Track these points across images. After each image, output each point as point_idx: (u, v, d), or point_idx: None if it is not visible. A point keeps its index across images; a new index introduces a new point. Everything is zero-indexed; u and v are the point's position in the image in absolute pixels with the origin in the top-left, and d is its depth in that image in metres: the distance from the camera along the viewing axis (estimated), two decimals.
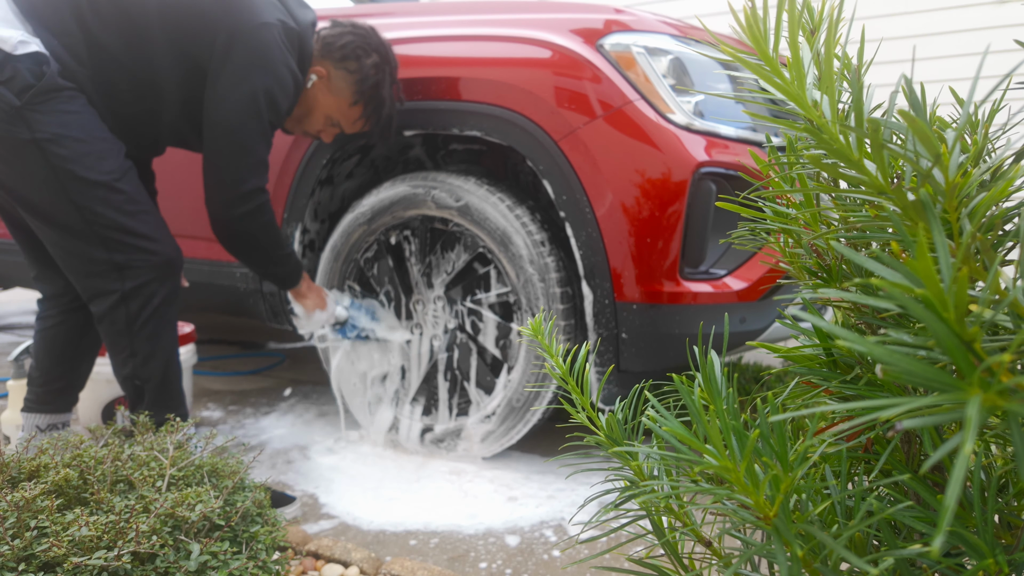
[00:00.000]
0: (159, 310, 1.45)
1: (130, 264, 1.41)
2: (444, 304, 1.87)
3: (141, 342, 1.44)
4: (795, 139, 0.51)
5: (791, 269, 0.57)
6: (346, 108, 1.64)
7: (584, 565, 1.27)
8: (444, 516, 1.51)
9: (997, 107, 0.48)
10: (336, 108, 1.64)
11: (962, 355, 0.28)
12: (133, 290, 1.42)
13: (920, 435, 0.47)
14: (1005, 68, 3.39)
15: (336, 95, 1.63)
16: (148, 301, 1.44)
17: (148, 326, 1.44)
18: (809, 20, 0.50)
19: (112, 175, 1.39)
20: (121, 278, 1.41)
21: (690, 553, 0.56)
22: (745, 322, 1.57)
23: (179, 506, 0.89)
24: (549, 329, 0.65)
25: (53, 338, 1.62)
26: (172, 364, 1.51)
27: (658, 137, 1.50)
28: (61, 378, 1.63)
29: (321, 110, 1.64)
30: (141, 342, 1.44)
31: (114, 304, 1.42)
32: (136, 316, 1.43)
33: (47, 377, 1.62)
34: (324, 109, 1.64)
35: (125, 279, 1.41)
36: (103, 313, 1.43)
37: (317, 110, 1.64)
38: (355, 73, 1.60)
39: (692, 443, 0.42)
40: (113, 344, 1.46)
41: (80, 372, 1.67)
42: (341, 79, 1.61)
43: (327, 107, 1.64)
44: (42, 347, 1.62)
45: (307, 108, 1.65)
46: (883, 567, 0.39)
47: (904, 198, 0.38)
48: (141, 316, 1.43)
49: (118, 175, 1.40)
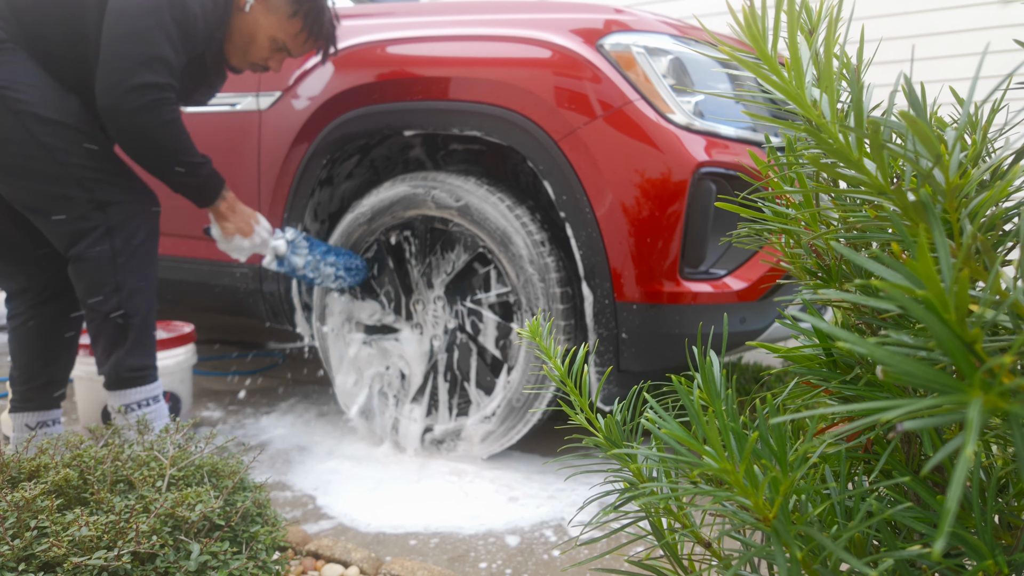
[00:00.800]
0: (143, 245, 1.45)
1: (111, 200, 1.41)
2: (444, 304, 1.87)
3: (127, 275, 1.43)
4: (795, 139, 0.51)
5: (791, 269, 0.57)
6: (286, 23, 1.62)
7: (584, 566, 1.27)
8: (444, 517, 1.51)
9: (997, 107, 0.48)
10: (278, 26, 1.62)
11: (963, 356, 0.28)
12: (118, 223, 1.42)
13: (920, 436, 0.47)
14: (1005, 68, 3.39)
15: (275, 12, 1.61)
16: (133, 235, 1.43)
17: (133, 259, 1.44)
18: (808, 20, 0.50)
19: (74, 117, 1.39)
20: (105, 214, 1.41)
21: (690, 554, 0.56)
22: (745, 322, 1.57)
23: (179, 506, 0.89)
24: (548, 330, 0.65)
25: (25, 335, 1.61)
26: (154, 305, 1.50)
27: (658, 137, 1.50)
28: (41, 374, 1.62)
29: (264, 32, 1.62)
30: (127, 275, 1.43)
31: (98, 238, 1.41)
32: (121, 250, 1.42)
33: (26, 375, 1.61)
34: (267, 31, 1.62)
35: (109, 214, 1.41)
36: (83, 251, 1.41)
37: (260, 33, 1.62)
38: None
39: (691, 444, 0.42)
40: (94, 281, 1.43)
41: (60, 366, 1.66)
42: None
43: (269, 28, 1.62)
44: (16, 346, 1.61)
45: (250, 34, 1.62)
46: (883, 568, 0.39)
47: (904, 198, 0.38)
48: (126, 250, 1.43)
49: (79, 119, 1.40)
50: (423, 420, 1.88)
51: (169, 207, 2.20)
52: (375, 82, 1.79)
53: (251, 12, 1.60)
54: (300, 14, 1.61)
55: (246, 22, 1.61)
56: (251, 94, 2.02)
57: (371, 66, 1.81)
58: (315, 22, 1.63)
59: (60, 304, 1.62)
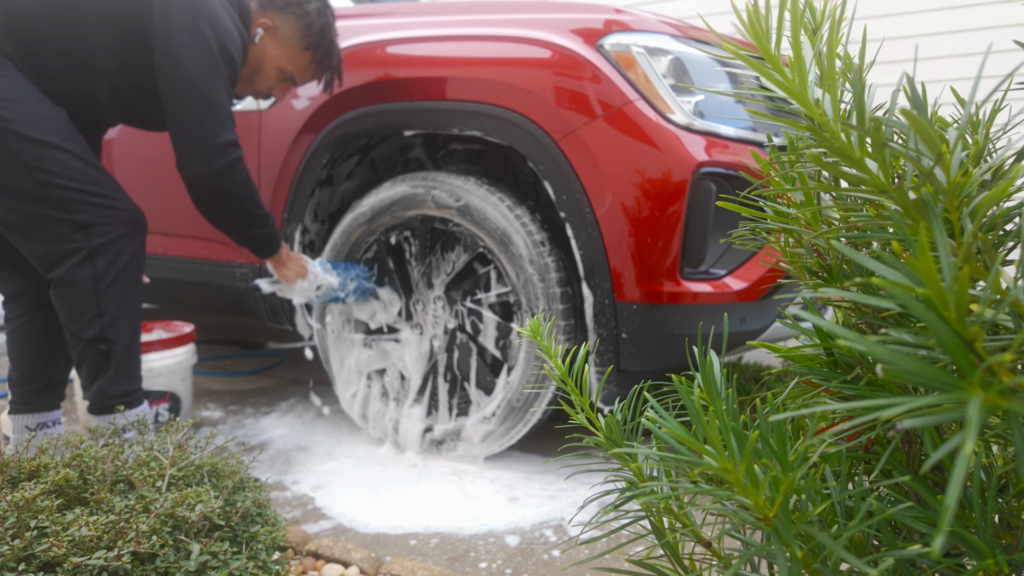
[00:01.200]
0: (127, 268, 1.41)
1: (94, 221, 1.36)
2: (444, 304, 1.87)
3: (109, 301, 1.38)
4: (796, 138, 0.51)
5: (792, 269, 0.57)
6: (296, 55, 1.62)
7: (584, 565, 1.27)
8: (445, 517, 1.51)
9: (998, 107, 0.48)
10: (287, 58, 1.62)
11: (963, 354, 0.28)
12: (101, 246, 1.37)
13: (921, 435, 0.47)
14: (1007, 68, 3.39)
15: (285, 44, 1.61)
16: (116, 258, 1.38)
17: (116, 284, 1.39)
18: (811, 19, 0.50)
19: (58, 136, 1.35)
20: (87, 236, 1.36)
21: (690, 554, 0.56)
22: (745, 322, 1.57)
23: (179, 506, 0.89)
24: (548, 330, 0.65)
25: (24, 338, 1.61)
26: (138, 331, 1.46)
27: (658, 137, 1.50)
28: (40, 376, 1.61)
29: (272, 63, 1.62)
30: (109, 301, 1.38)
31: (79, 262, 1.36)
32: (103, 274, 1.37)
33: (25, 377, 1.61)
34: (275, 61, 1.62)
35: (91, 237, 1.36)
36: (64, 276, 1.36)
37: (267, 64, 1.62)
38: (301, 18, 1.59)
39: (691, 444, 0.42)
40: (76, 307, 1.38)
41: (59, 367, 1.65)
42: (288, 26, 1.60)
43: (277, 59, 1.62)
44: (15, 348, 1.61)
45: (257, 64, 1.62)
46: (883, 567, 0.39)
47: (905, 197, 0.38)
48: (108, 274, 1.38)
49: (64, 137, 1.36)
50: (423, 420, 1.88)
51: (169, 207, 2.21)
52: (375, 82, 1.79)
53: (260, 43, 1.61)
54: (311, 47, 1.62)
55: (254, 52, 1.62)
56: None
57: (371, 66, 1.81)
58: (326, 55, 1.64)
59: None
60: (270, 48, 1.61)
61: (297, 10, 1.59)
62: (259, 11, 1.60)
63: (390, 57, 1.80)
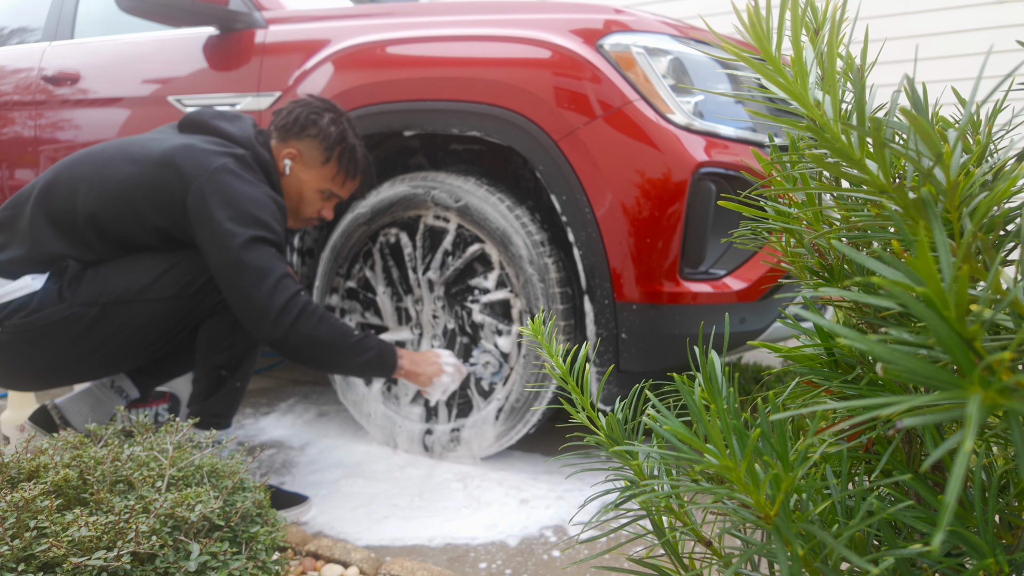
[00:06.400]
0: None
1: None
2: (444, 304, 1.87)
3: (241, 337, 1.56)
4: (797, 138, 0.51)
5: (792, 269, 0.57)
6: (324, 170, 1.65)
7: (584, 565, 1.27)
8: (445, 517, 1.50)
9: (999, 107, 0.48)
10: (321, 177, 1.66)
11: (963, 353, 0.28)
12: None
13: (921, 434, 0.47)
14: (1008, 68, 3.39)
15: (312, 165, 1.64)
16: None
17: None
18: (812, 19, 0.50)
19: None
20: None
21: (690, 553, 0.56)
22: (745, 322, 1.57)
23: (179, 506, 0.89)
24: (549, 329, 0.65)
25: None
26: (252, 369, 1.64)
27: (658, 137, 1.50)
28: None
29: (310, 187, 1.66)
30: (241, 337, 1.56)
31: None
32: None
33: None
34: (312, 185, 1.66)
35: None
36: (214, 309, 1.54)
37: (306, 190, 1.66)
38: (318, 136, 1.61)
39: (693, 442, 0.42)
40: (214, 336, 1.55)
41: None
42: (310, 149, 1.63)
43: (313, 181, 1.66)
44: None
45: (297, 194, 1.66)
46: (883, 567, 0.39)
47: (906, 197, 0.38)
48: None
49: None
50: (423, 421, 1.88)
51: None
52: (375, 82, 1.79)
53: (292, 173, 1.65)
54: (333, 158, 1.64)
55: (290, 184, 1.65)
56: (251, 94, 2.02)
57: (371, 66, 1.81)
58: (350, 161, 1.65)
59: None
60: (303, 174, 1.65)
61: (312, 130, 1.61)
62: (281, 144, 1.64)
63: (390, 57, 1.80)
